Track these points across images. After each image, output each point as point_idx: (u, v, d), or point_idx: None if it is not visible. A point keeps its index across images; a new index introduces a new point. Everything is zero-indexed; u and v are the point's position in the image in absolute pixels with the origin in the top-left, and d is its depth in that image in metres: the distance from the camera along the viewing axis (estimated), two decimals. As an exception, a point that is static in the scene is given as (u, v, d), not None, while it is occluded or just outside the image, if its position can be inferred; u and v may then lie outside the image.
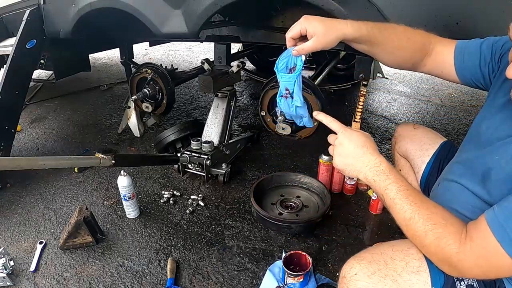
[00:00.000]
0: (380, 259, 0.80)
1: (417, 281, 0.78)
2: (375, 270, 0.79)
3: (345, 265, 0.84)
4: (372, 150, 0.85)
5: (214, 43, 2.02)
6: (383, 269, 0.79)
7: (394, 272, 0.78)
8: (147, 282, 1.38)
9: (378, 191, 0.83)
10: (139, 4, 1.67)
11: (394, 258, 0.80)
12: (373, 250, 0.85)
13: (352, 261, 0.83)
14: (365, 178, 0.84)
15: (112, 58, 4.79)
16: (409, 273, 0.78)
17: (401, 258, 0.80)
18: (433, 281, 0.78)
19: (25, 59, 1.98)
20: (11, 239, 1.62)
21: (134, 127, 2.58)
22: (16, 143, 2.40)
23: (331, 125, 0.94)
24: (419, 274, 0.78)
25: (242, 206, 1.82)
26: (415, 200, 0.76)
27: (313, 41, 0.89)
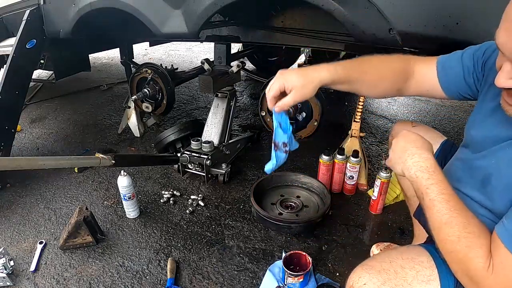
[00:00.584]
0: (390, 268, 0.78)
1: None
2: (385, 280, 0.77)
3: (352, 275, 0.81)
4: (421, 146, 0.82)
5: (214, 43, 2.02)
6: (393, 279, 0.77)
7: (404, 282, 0.76)
8: (147, 282, 1.38)
9: (419, 188, 0.79)
10: (139, 4, 1.67)
11: (404, 267, 0.78)
12: (381, 259, 0.82)
13: (360, 270, 0.80)
14: (409, 172, 0.81)
15: (112, 58, 4.79)
16: (420, 283, 0.77)
17: (411, 267, 0.78)
18: None
19: (25, 59, 1.98)
20: (11, 239, 1.62)
21: (134, 127, 2.58)
22: (16, 143, 2.40)
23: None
24: (430, 284, 0.77)
25: (242, 206, 1.82)
26: (455, 206, 0.74)
27: (292, 95, 0.91)
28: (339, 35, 1.77)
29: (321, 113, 1.84)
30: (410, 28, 1.24)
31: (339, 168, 1.84)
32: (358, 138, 1.93)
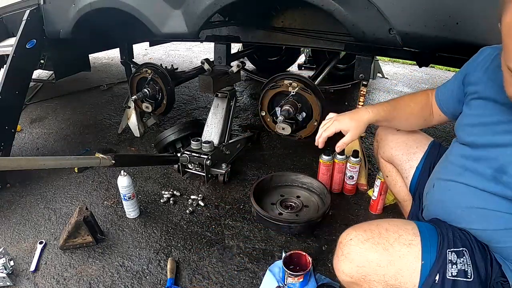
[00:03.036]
0: (375, 229, 0.87)
1: (407, 253, 0.82)
2: (369, 237, 0.85)
3: (342, 233, 0.91)
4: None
5: (214, 43, 2.02)
6: (376, 237, 0.85)
7: (386, 242, 0.84)
8: (147, 282, 1.38)
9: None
10: (139, 4, 1.67)
11: (388, 230, 0.86)
12: (370, 222, 0.92)
13: (350, 229, 0.90)
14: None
15: (112, 58, 4.79)
16: (400, 245, 0.83)
17: (395, 231, 0.85)
18: (423, 256, 0.82)
19: (25, 59, 1.98)
20: (11, 239, 1.62)
21: (134, 127, 2.58)
22: (16, 143, 2.40)
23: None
24: (410, 247, 0.83)
25: (242, 206, 1.82)
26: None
27: (350, 135, 1.10)
28: (339, 35, 1.77)
29: (321, 113, 1.84)
30: (410, 28, 1.24)
31: (339, 168, 1.84)
32: (358, 138, 1.92)
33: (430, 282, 0.80)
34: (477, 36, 1.14)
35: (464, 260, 0.82)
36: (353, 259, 0.85)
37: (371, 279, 0.84)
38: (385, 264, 0.82)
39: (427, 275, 0.81)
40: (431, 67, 4.55)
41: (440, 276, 0.80)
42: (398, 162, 1.26)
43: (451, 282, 0.80)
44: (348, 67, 3.66)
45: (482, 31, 1.13)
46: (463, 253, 0.83)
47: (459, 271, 0.80)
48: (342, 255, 0.87)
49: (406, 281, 0.82)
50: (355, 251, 0.85)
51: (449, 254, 0.82)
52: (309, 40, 1.90)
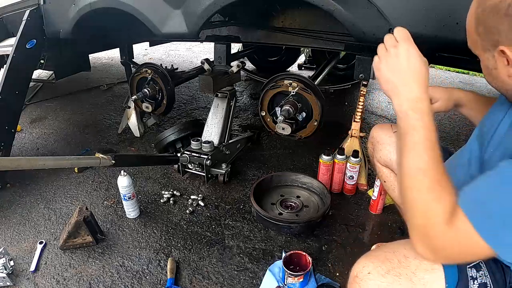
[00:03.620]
0: (394, 258, 0.79)
1: (432, 279, 0.76)
2: (389, 269, 0.77)
3: (356, 264, 0.82)
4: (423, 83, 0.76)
5: (214, 43, 2.02)
6: (397, 267, 0.77)
7: (408, 271, 0.77)
8: (147, 282, 1.38)
9: (404, 126, 0.75)
10: (139, 4, 1.67)
11: (407, 256, 0.78)
12: (385, 249, 0.83)
13: (364, 260, 0.81)
14: (399, 106, 0.76)
15: (112, 58, 4.79)
16: (423, 271, 0.77)
17: (414, 256, 0.78)
18: (447, 279, 0.76)
19: (25, 59, 1.98)
20: (11, 239, 1.62)
21: (134, 127, 2.58)
22: (16, 143, 2.40)
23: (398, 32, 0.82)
24: (434, 272, 0.77)
25: (242, 206, 1.82)
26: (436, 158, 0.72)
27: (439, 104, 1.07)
28: (339, 35, 1.77)
29: (321, 113, 1.84)
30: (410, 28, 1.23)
31: (339, 168, 1.84)
32: (358, 138, 1.93)
33: None
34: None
35: (482, 272, 0.78)
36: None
37: None
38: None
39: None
40: (431, 67, 4.54)
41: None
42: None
43: None
44: (348, 67, 3.66)
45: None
46: (480, 265, 0.79)
47: (480, 285, 0.77)
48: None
49: None
50: (377, 285, 0.76)
51: (469, 271, 0.78)
52: (309, 40, 1.89)
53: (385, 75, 0.80)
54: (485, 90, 3.91)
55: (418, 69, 0.76)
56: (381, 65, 0.80)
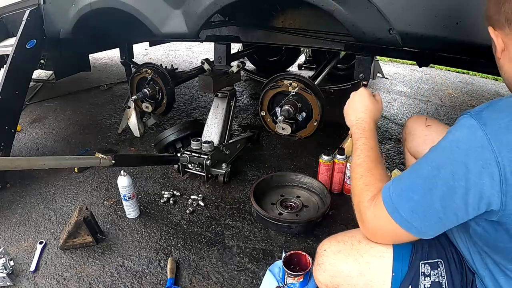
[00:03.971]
0: (348, 241, 0.89)
1: (378, 264, 0.84)
2: (341, 249, 0.89)
3: (320, 244, 0.95)
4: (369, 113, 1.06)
5: (214, 43, 2.02)
6: (348, 249, 0.88)
7: (357, 253, 0.86)
8: (147, 282, 1.38)
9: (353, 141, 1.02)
10: (139, 4, 1.67)
11: (361, 242, 0.88)
12: (345, 233, 0.94)
13: (325, 240, 0.95)
14: (350, 126, 1.07)
15: (112, 58, 4.79)
16: (371, 256, 0.85)
17: (367, 242, 0.87)
18: (395, 267, 0.83)
19: (25, 59, 1.98)
20: (11, 239, 1.62)
21: (134, 127, 2.58)
22: (16, 143, 2.40)
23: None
24: (381, 259, 0.84)
25: (242, 206, 1.82)
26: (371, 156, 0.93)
27: None
28: (339, 35, 1.77)
29: (321, 113, 1.84)
30: (410, 28, 1.24)
31: (339, 168, 1.84)
32: (358, 138, 1.93)
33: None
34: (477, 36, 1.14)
35: (438, 272, 0.82)
36: (326, 269, 0.89)
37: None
38: (355, 274, 0.85)
39: (398, 287, 0.82)
40: (431, 67, 4.55)
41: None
42: None
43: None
44: (348, 67, 3.66)
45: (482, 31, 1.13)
46: (437, 264, 0.83)
47: (433, 283, 0.81)
48: (317, 264, 0.92)
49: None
50: (328, 262, 0.89)
51: (422, 266, 0.83)
52: (309, 40, 1.89)
53: (346, 110, 1.12)
54: (485, 90, 3.91)
55: (366, 104, 1.08)
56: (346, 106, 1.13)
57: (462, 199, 0.65)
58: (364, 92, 1.10)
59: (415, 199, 0.71)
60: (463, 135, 0.66)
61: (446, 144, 0.69)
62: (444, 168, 0.67)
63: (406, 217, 0.72)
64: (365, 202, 0.81)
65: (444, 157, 0.68)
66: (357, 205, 0.85)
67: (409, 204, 0.72)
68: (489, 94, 3.77)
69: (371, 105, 1.08)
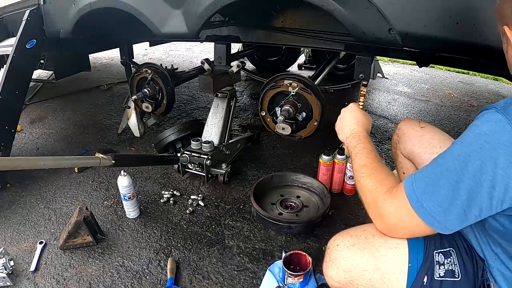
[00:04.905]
0: (361, 235, 0.88)
1: (394, 256, 0.83)
2: (355, 243, 0.87)
3: (330, 239, 0.93)
4: (361, 125, 1.09)
5: (214, 43, 2.02)
6: (362, 243, 0.86)
7: (372, 246, 0.85)
8: (147, 282, 1.38)
9: (350, 149, 1.03)
10: (139, 4, 1.67)
11: (374, 235, 0.86)
12: (356, 228, 0.93)
13: (337, 235, 0.93)
14: (346, 139, 1.08)
15: (112, 58, 4.79)
16: (386, 249, 0.84)
17: (381, 235, 0.85)
18: (410, 258, 0.82)
19: (25, 59, 1.98)
20: (11, 239, 1.62)
21: (134, 127, 2.58)
22: (16, 143, 2.40)
23: None
24: (396, 251, 0.83)
25: (242, 206, 1.82)
26: (372, 157, 0.94)
27: None
28: (339, 35, 1.77)
29: (321, 113, 1.84)
30: (410, 28, 1.24)
31: (339, 168, 1.84)
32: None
33: (419, 284, 0.81)
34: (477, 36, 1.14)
35: (451, 260, 0.83)
36: (339, 264, 0.87)
37: (358, 284, 0.86)
38: (371, 268, 0.84)
39: (415, 277, 0.81)
40: (431, 67, 4.55)
41: (428, 278, 0.80)
42: (420, 160, 1.21)
43: (439, 283, 0.80)
44: (348, 67, 3.66)
45: (482, 31, 1.13)
46: (450, 253, 0.84)
47: (447, 271, 0.81)
48: (329, 260, 0.89)
49: (393, 285, 0.83)
50: (342, 256, 0.87)
51: (436, 255, 0.83)
52: (309, 40, 1.89)
53: (338, 126, 1.15)
54: (485, 90, 3.91)
55: (357, 117, 1.11)
56: (337, 122, 1.17)
57: (488, 193, 0.66)
58: (353, 107, 1.14)
59: (441, 193, 0.71)
60: (491, 130, 0.66)
61: (472, 138, 0.69)
62: (471, 162, 0.67)
63: (430, 211, 0.72)
64: (382, 196, 0.81)
65: (471, 150, 0.68)
66: (372, 202, 0.84)
67: (435, 199, 0.71)
68: (489, 94, 3.77)
69: (362, 117, 1.11)
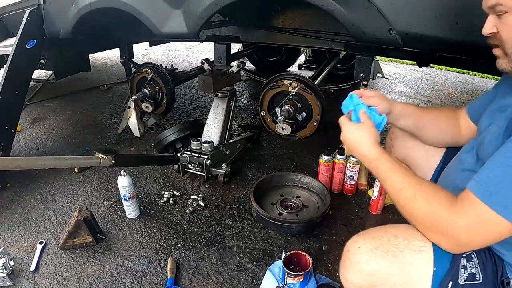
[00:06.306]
0: (384, 236, 0.83)
1: (418, 259, 0.79)
2: (378, 245, 0.82)
3: (349, 241, 0.88)
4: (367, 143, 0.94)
5: (214, 43, 2.02)
6: (385, 244, 0.82)
7: (396, 249, 0.81)
8: (147, 282, 1.38)
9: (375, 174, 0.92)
10: (139, 4, 1.67)
11: (397, 236, 0.82)
12: (377, 229, 0.88)
13: (357, 237, 0.87)
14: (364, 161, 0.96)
15: (112, 58, 4.79)
16: (411, 251, 0.80)
17: (404, 237, 0.82)
18: (436, 262, 0.79)
19: (25, 59, 1.98)
20: (11, 239, 1.62)
21: (134, 127, 2.58)
22: (16, 143, 2.40)
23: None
24: (421, 253, 0.80)
25: (242, 206, 1.82)
26: (406, 173, 0.85)
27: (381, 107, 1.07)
28: (339, 35, 1.77)
29: (321, 113, 1.84)
30: (410, 28, 1.24)
31: (339, 168, 1.84)
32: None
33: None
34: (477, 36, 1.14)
35: (473, 263, 0.80)
36: (362, 268, 0.82)
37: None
38: (395, 272, 0.80)
39: (440, 282, 0.78)
40: (431, 67, 4.55)
41: (452, 283, 0.78)
42: (415, 163, 1.22)
43: (461, 287, 0.78)
44: (348, 67, 3.66)
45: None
46: (471, 256, 0.81)
47: (469, 275, 0.79)
48: (350, 264, 0.84)
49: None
50: (364, 260, 0.82)
51: (462, 260, 0.80)
52: (309, 40, 1.89)
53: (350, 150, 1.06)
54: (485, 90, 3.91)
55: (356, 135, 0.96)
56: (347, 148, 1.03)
57: None
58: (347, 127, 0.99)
59: None
60: None
61: None
62: None
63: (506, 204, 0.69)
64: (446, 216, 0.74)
65: None
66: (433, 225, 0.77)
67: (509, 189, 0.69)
68: (489, 94, 3.77)
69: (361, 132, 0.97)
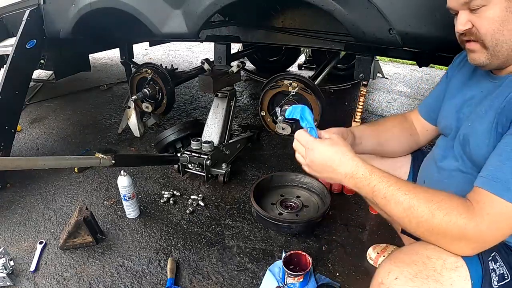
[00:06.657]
0: (418, 260, 0.75)
1: (458, 277, 0.74)
2: (417, 272, 0.73)
3: (380, 270, 0.77)
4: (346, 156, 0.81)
5: (214, 43, 2.02)
6: (423, 270, 0.73)
7: (434, 272, 0.73)
8: (147, 282, 1.38)
9: (367, 196, 0.80)
10: (139, 4, 1.67)
11: (430, 257, 0.75)
12: (407, 251, 0.79)
13: (389, 264, 0.77)
14: (348, 184, 0.81)
15: (112, 58, 4.79)
16: (449, 271, 0.74)
17: (437, 256, 0.75)
18: (472, 275, 0.74)
19: (25, 59, 1.98)
20: (11, 239, 1.62)
21: (134, 127, 2.58)
22: (16, 143, 2.40)
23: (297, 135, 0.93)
24: (458, 270, 0.74)
25: (242, 206, 1.82)
26: (408, 189, 0.74)
27: None
28: (339, 35, 1.77)
29: (321, 113, 1.84)
30: (410, 28, 1.24)
31: (339, 168, 1.84)
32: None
33: None
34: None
35: (499, 263, 0.77)
36: None
37: None
38: None
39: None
40: (431, 67, 4.54)
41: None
42: None
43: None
44: (348, 67, 3.66)
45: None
46: (496, 257, 0.78)
47: (499, 276, 0.76)
48: None
49: None
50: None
51: (491, 264, 0.77)
52: (309, 40, 1.89)
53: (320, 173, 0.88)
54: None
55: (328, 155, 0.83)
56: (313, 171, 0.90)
57: None
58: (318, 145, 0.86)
59: None
60: None
61: None
62: None
63: None
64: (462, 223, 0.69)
65: None
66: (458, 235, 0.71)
67: None
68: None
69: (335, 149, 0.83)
